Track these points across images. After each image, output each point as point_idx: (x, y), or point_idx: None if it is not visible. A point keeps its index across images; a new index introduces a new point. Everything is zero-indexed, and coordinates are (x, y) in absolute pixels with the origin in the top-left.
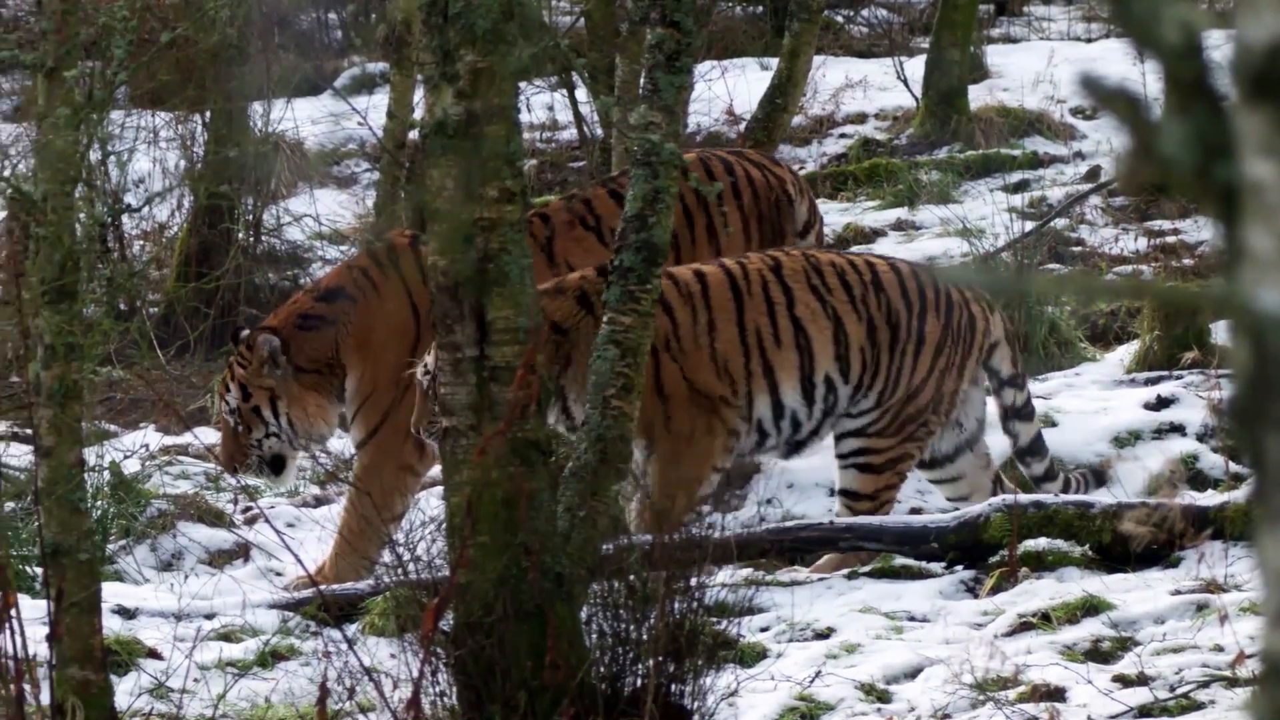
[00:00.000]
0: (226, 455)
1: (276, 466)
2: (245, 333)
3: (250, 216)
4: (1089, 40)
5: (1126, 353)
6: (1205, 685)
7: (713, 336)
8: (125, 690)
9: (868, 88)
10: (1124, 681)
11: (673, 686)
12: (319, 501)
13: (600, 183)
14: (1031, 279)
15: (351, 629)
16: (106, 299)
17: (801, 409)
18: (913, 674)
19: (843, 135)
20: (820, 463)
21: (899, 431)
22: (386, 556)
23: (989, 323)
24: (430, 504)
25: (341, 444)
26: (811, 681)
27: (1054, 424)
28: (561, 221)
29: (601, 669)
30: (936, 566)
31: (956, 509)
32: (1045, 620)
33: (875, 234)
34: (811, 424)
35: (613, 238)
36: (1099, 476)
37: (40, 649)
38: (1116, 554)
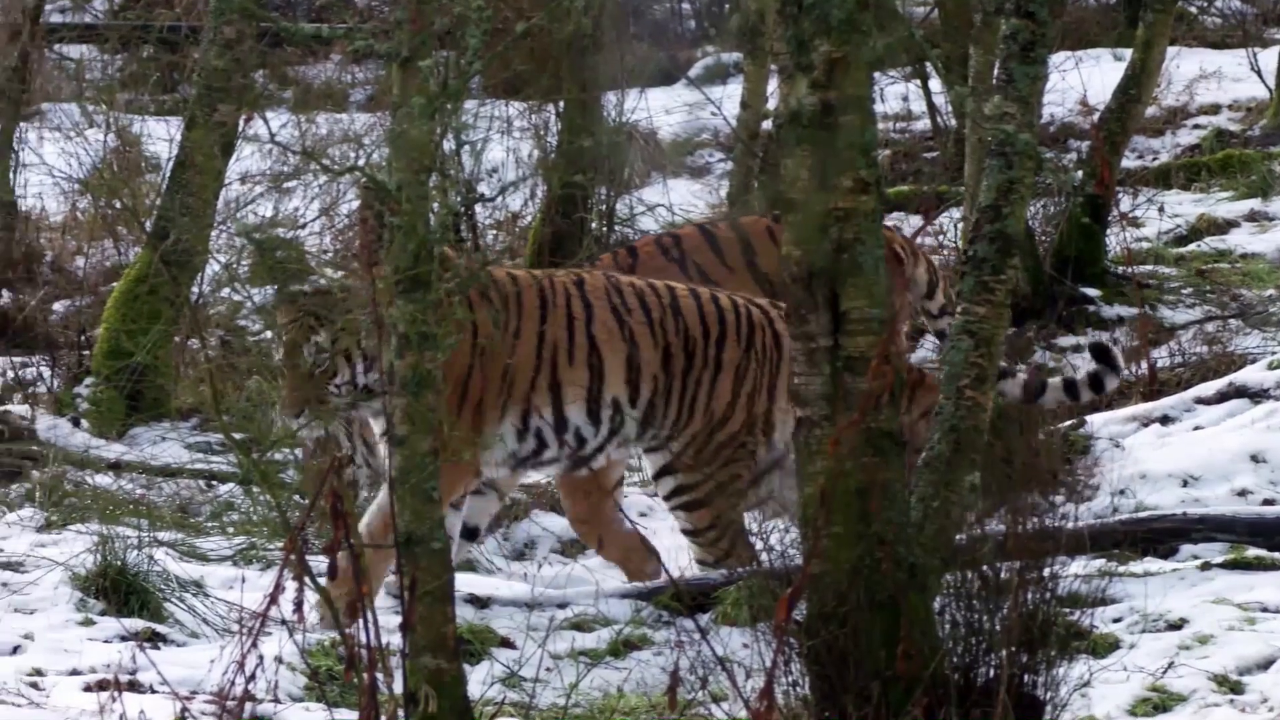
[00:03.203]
0: None
1: None
2: None
3: (603, 206)
4: None
5: None
6: None
7: (516, 344)
8: (478, 679)
9: (1221, 79)
10: None
11: (1025, 677)
12: None
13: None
14: None
15: (704, 619)
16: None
17: (586, 427)
18: (1265, 665)
19: (1196, 126)
20: (1172, 454)
21: (713, 459)
22: None
23: None
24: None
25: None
26: (1164, 672)
27: None
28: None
29: (954, 659)
30: None
31: None
32: None
33: (1228, 225)
34: (597, 442)
35: (695, 270)
36: None
37: (393, 638)
38: None
